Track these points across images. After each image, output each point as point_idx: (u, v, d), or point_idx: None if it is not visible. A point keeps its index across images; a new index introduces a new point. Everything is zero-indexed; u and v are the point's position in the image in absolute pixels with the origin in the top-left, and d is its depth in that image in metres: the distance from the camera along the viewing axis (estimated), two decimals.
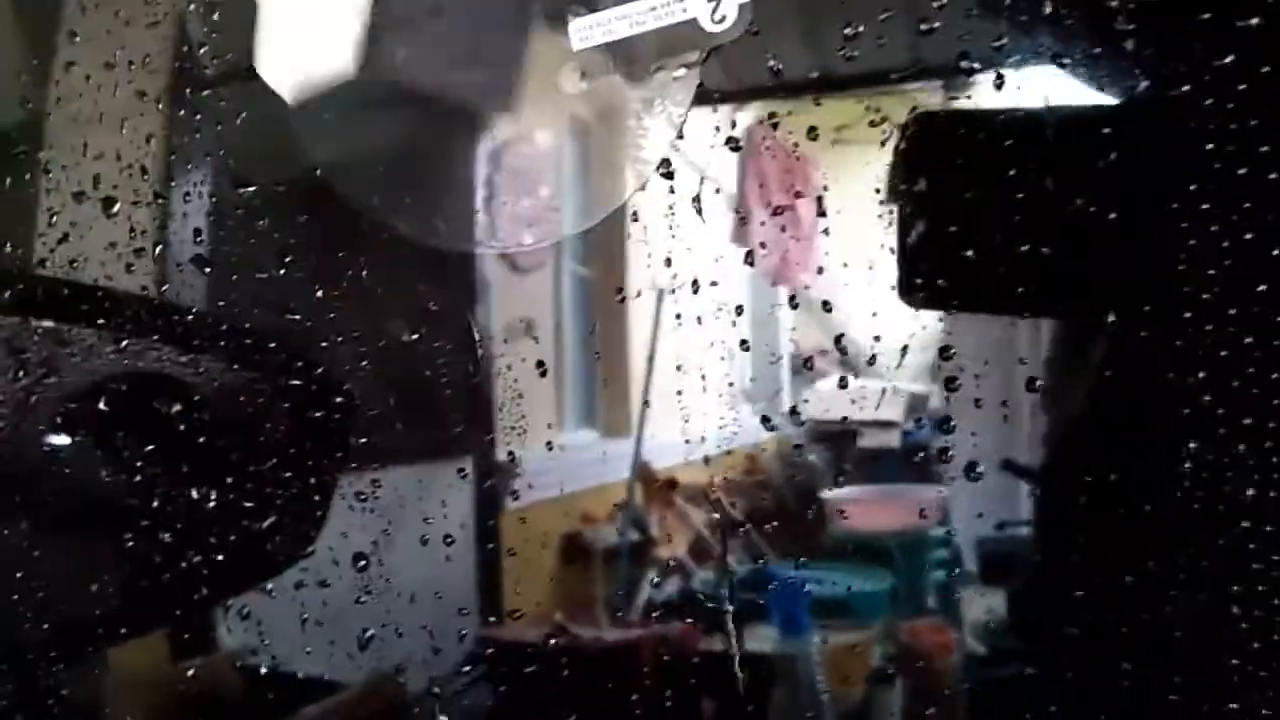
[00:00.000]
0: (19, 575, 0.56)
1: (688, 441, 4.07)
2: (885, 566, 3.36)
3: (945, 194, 0.61)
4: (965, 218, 0.60)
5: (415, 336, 2.41)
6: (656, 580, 3.22)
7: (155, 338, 0.66)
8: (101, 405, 0.62)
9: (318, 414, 0.68)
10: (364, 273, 2.32)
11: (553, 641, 1.71)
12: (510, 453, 2.91)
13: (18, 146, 1.71)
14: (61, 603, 0.59)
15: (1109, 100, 0.79)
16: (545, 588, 3.09)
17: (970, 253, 0.60)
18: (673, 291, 3.74)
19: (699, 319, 4.36)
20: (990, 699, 2.34)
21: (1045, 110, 0.68)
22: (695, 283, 4.16)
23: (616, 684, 1.64)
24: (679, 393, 4.01)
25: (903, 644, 2.39)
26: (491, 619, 2.53)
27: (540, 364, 3.31)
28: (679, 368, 3.65)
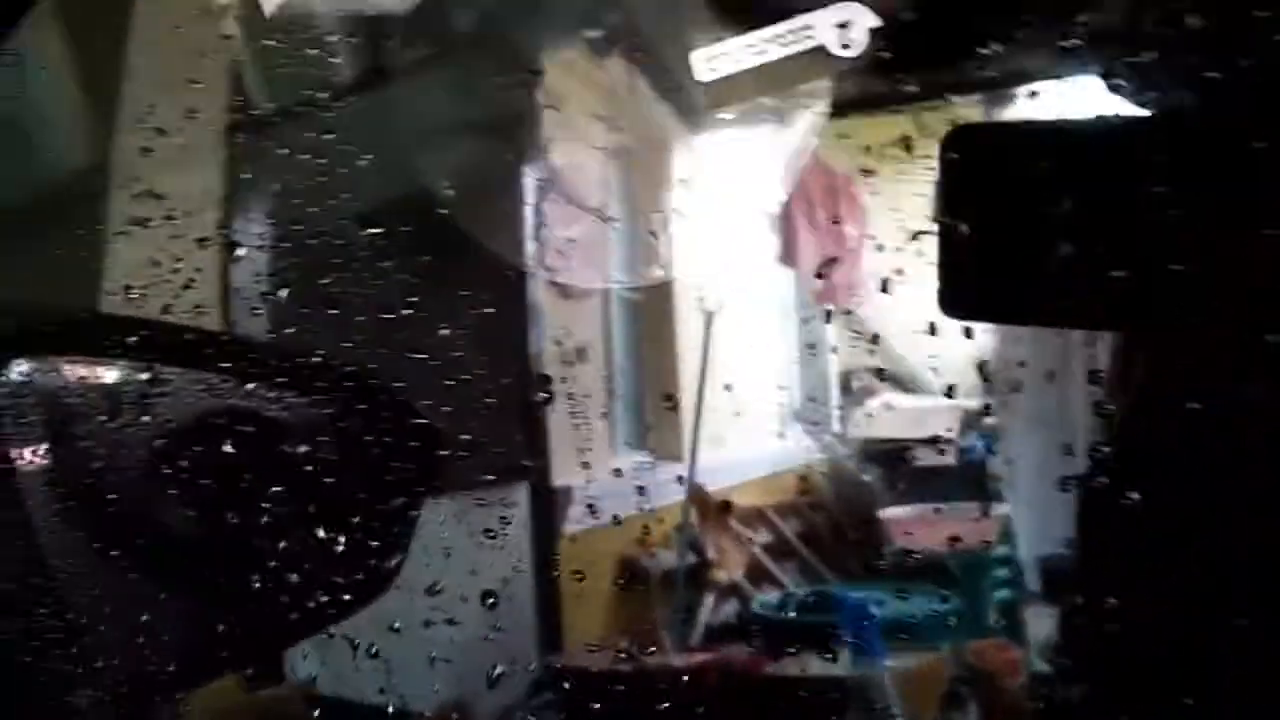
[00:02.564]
0: (122, 614, 0.58)
1: (740, 464, 4.05)
2: (947, 586, 3.31)
3: (988, 207, 0.61)
4: (1009, 230, 0.60)
5: (471, 365, 2.44)
6: (714, 603, 3.20)
7: (239, 375, 0.67)
8: (193, 444, 0.63)
9: (400, 445, 0.69)
10: (425, 303, 2.35)
11: (618, 668, 1.70)
12: (556, 481, 2.92)
13: (84, 188, 1.76)
14: (159, 641, 0.60)
15: (1149, 111, 0.78)
16: (604, 613, 3.09)
17: (1016, 266, 0.60)
18: (720, 313, 3.73)
19: (748, 341, 4.35)
20: (1055, 716, 2.29)
21: (1088, 121, 0.68)
22: (743, 305, 4.16)
23: (683, 710, 1.63)
24: (732, 415, 4.01)
25: (970, 664, 2.35)
26: (554, 646, 2.54)
27: (590, 390, 3.32)
28: (728, 388, 3.65)
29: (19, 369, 0.62)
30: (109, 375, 0.66)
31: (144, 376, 0.67)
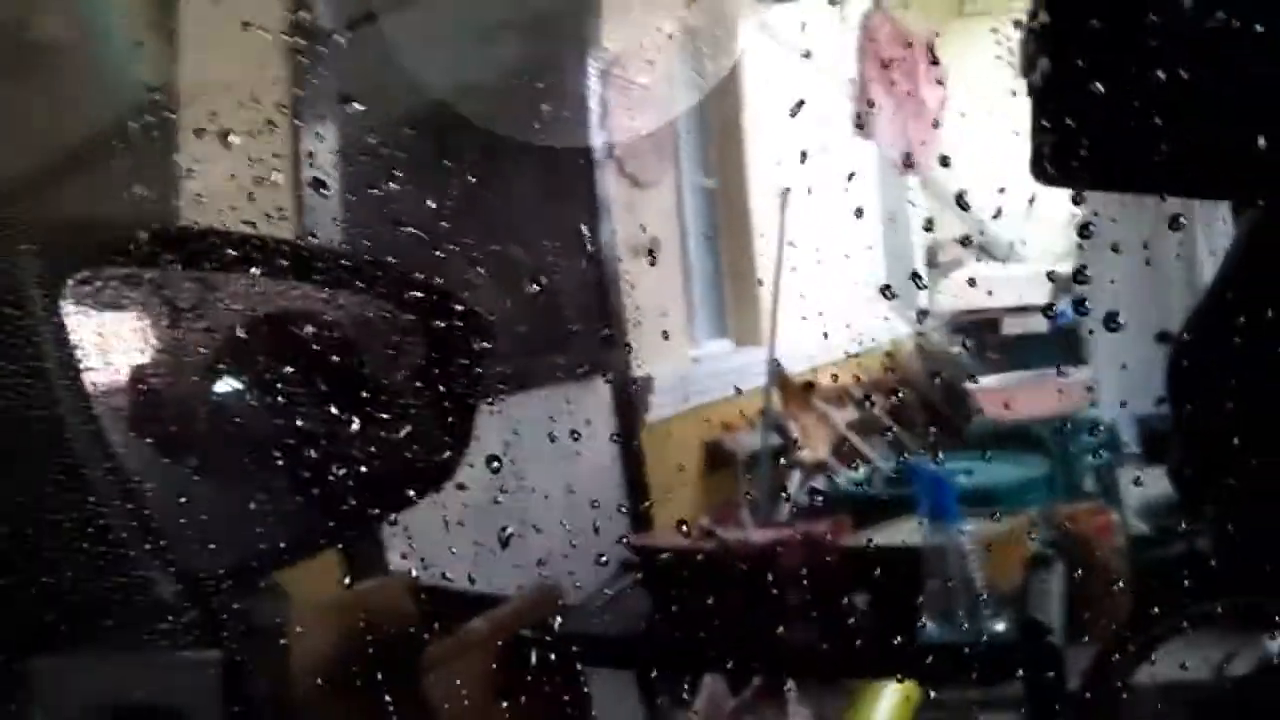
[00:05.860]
0: (187, 509, 0.61)
1: (823, 343, 4.02)
2: (1038, 452, 3.28)
3: (1081, 64, 0.57)
4: (1103, 89, 0.56)
5: (543, 260, 2.45)
6: (801, 481, 3.23)
7: (294, 278, 0.69)
8: (251, 344, 0.65)
9: (453, 339, 0.70)
10: (490, 199, 2.37)
11: (701, 545, 1.74)
12: (644, 368, 2.96)
13: (149, 93, 1.79)
14: (230, 533, 0.64)
15: None
16: (691, 497, 3.15)
17: (1109, 127, 0.56)
18: (795, 192, 3.65)
19: (826, 217, 4.27)
20: (1155, 578, 2.28)
21: None
22: (820, 180, 4.06)
23: (767, 583, 1.66)
24: (811, 295, 3.97)
25: (1062, 528, 2.33)
26: (639, 528, 2.60)
27: (667, 278, 3.31)
28: (802, 268, 3.60)
29: (88, 278, 0.64)
30: (170, 284, 0.68)
31: (207, 282, 0.69)
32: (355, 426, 0.70)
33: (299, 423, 0.69)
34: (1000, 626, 1.60)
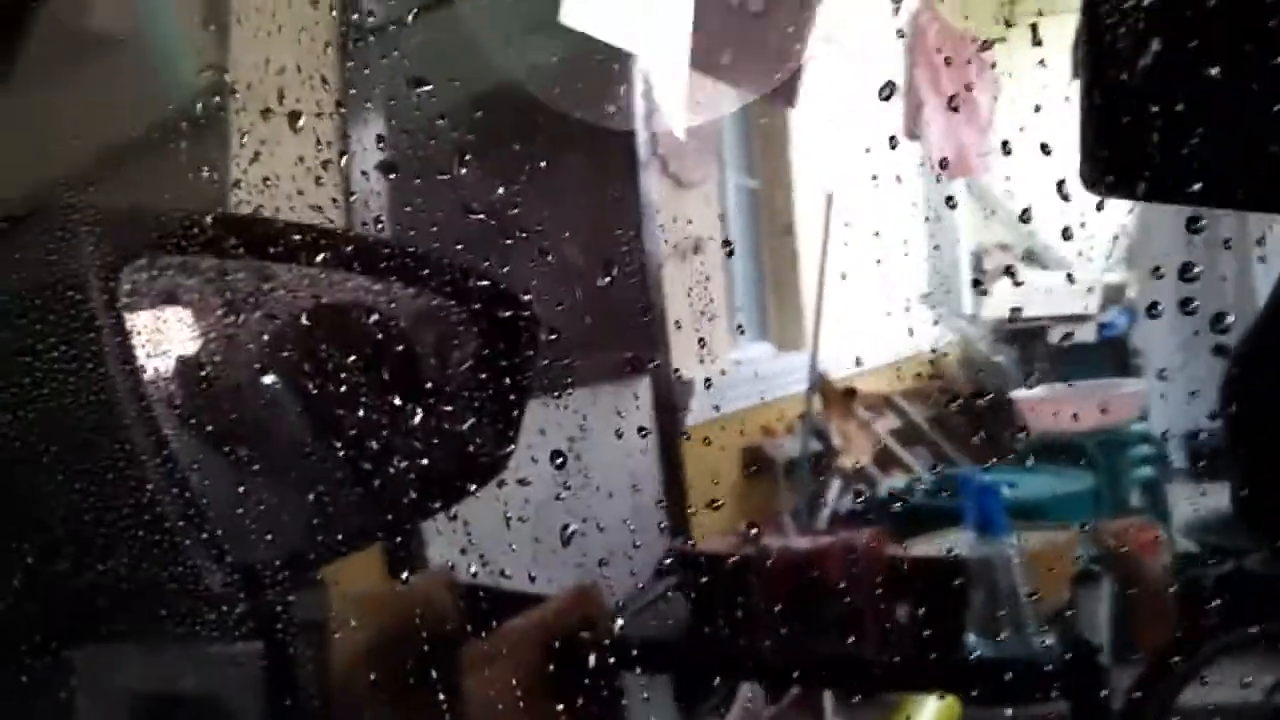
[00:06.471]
0: (240, 501, 0.61)
1: (866, 350, 3.98)
2: (1084, 466, 3.22)
3: (1138, 66, 0.55)
4: (1160, 94, 0.53)
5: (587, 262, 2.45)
6: (840, 489, 3.20)
7: (347, 270, 0.69)
8: (304, 335, 0.65)
9: (504, 333, 0.69)
10: (537, 198, 2.36)
11: (743, 552, 1.73)
12: (678, 372, 2.94)
13: (205, 69, 1.80)
14: (280, 525, 0.63)
15: None
16: (730, 501, 3.13)
17: (1164, 135, 0.53)
18: (840, 195, 3.62)
19: (872, 222, 4.23)
20: (1201, 597, 2.22)
21: None
22: (866, 185, 4.02)
23: (809, 591, 1.65)
24: (857, 300, 3.93)
25: (1108, 544, 2.29)
26: (681, 534, 2.59)
27: (708, 281, 3.29)
28: (846, 276, 3.56)
29: (144, 267, 0.64)
30: (225, 273, 0.68)
31: (263, 271, 0.69)
32: (406, 420, 0.69)
33: (349, 415, 0.68)
34: (1046, 642, 1.57)
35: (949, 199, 5.04)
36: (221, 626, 0.62)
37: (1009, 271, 5.02)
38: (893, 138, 4.33)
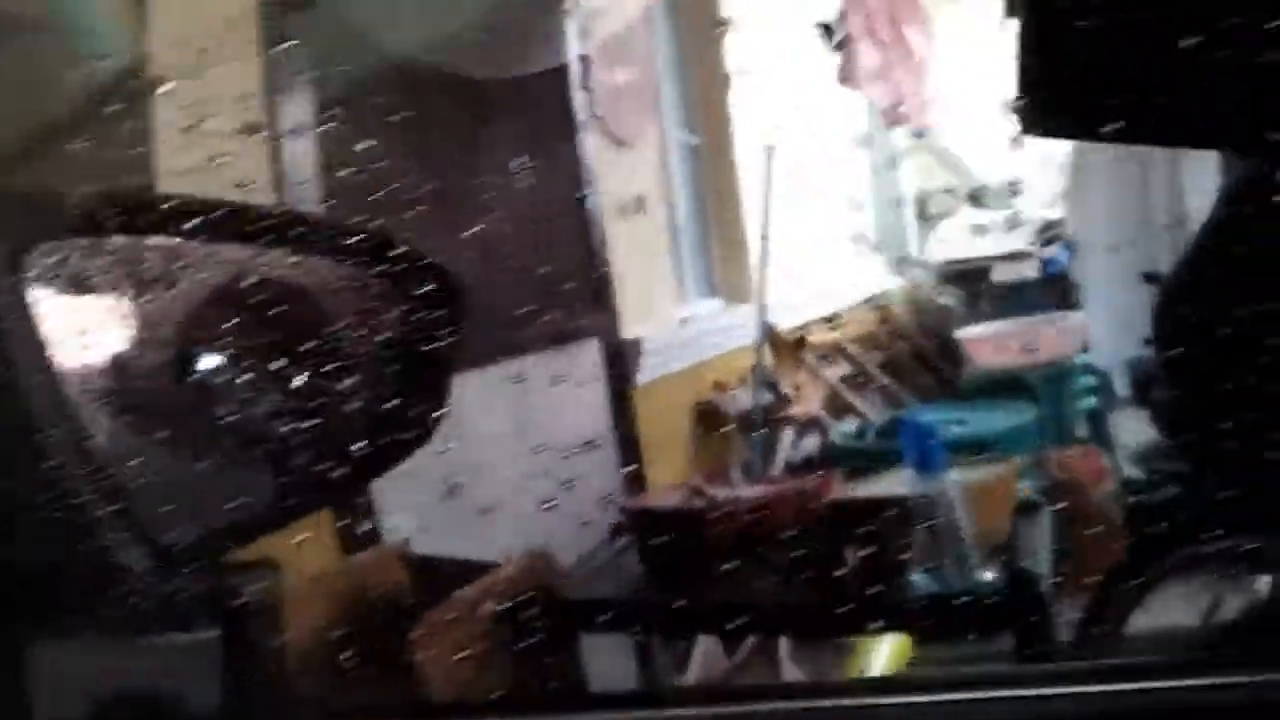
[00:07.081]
0: (156, 479, 0.61)
1: (813, 299, 4.00)
2: (1028, 399, 3.28)
3: (1072, 6, 0.55)
4: (1094, 33, 0.54)
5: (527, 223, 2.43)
6: (794, 438, 3.24)
7: (260, 244, 0.68)
8: (218, 313, 0.65)
9: (427, 302, 0.69)
10: (471, 166, 2.34)
11: (691, 505, 1.74)
12: (627, 331, 2.94)
13: (127, 77, 1.77)
14: (209, 504, 0.63)
15: None
16: (684, 457, 3.15)
17: (1100, 74, 0.54)
18: (781, 146, 3.61)
19: (815, 173, 4.22)
20: (1147, 522, 2.28)
21: None
22: (806, 135, 4.00)
23: (757, 539, 1.67)
24: (802, 251, 3.94)
25: (1055, 474, 2.34)
26: (632, 490, 2.61)
27: (652, 239, 3.29)
28: (790, 227, 3.57)
29: (50, 251, 0.63)
30: (137, 250, 0.67)
31: (171, 250, 0.68)
32: (324, 392, 0.69)
33: (267, 391, 0.68)
34: (989, 576, 1.61)
35: (890, 146, 5.06)
36: (169, 617, 0.62)
37: (948, 213, 5.07)
38: (832, 86, 4.33)
